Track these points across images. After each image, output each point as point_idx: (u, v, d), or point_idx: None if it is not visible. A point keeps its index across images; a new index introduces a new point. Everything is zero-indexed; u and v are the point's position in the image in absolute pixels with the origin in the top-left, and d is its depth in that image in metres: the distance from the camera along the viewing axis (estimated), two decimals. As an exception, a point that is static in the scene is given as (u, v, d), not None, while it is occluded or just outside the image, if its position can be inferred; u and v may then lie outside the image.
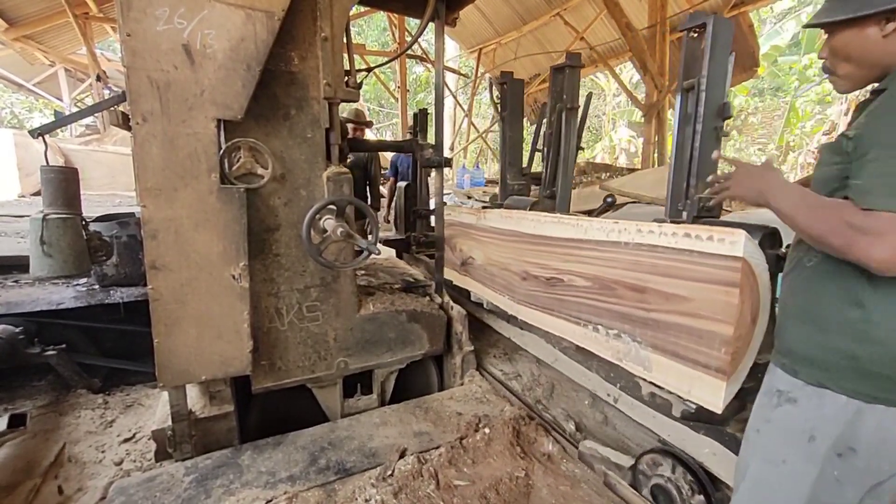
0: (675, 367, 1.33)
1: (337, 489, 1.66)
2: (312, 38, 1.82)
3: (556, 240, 1.76)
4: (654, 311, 1.38)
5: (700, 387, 1.25)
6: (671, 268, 1.31)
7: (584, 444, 1.86)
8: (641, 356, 1.45)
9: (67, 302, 2.47)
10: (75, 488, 1.87)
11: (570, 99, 2.33)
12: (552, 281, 1.80)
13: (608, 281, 1.54)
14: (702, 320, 1.23)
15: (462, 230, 2.45)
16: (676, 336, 1.31)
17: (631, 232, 1.43)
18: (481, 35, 11.50)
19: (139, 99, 1.50)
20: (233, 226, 1.68)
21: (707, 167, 1.67)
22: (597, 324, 1.61)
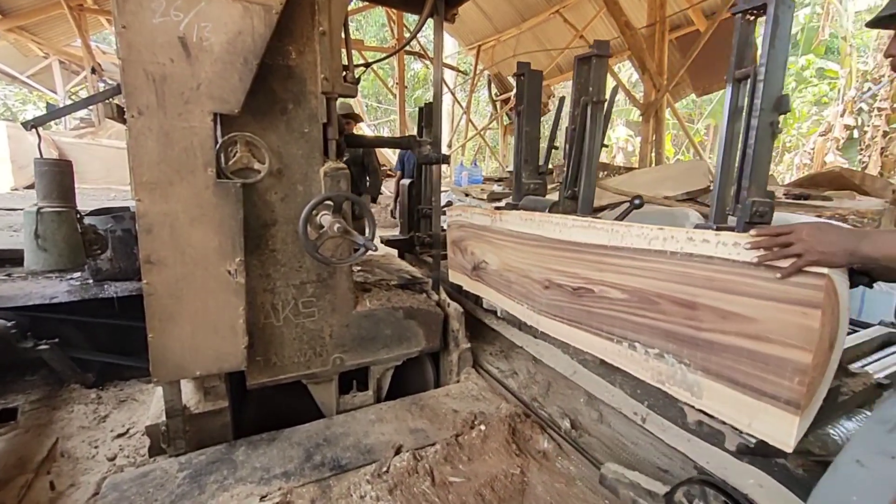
0: (732, 395, 1.18)
1: (332, 485, 1.65)
2: (310, 32, 1.81)
3: (586, 246, 1.60)
4: (706, 331, 1.22)
5: (765, 420, 1.10)
6: (731, 282, 1.15)
7: (608, 466, 1.66)
8: (689, 380, 1.29)
9: (61, 296, 2.45)
10: (68, 484, 1.86)
11: (596, 91, 2.09)
12: (580, 291, 1.65)
13: (650, 294, 1.38)
14: (770, 344, 1.08)
15: (474, 232, 2.30)
16: (735, 360, 1.16)
17: (679, 240, 1.27)
18: (480, 32, 11.47)
19: (135, 92, 1.48)
20: (229, 221, 1.67)
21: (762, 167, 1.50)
22: (633, 341, 1.45)
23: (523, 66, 2.55)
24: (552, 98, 11.50)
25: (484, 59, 12.05)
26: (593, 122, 2.12)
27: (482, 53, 11.89)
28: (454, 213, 2.50)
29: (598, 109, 2.11)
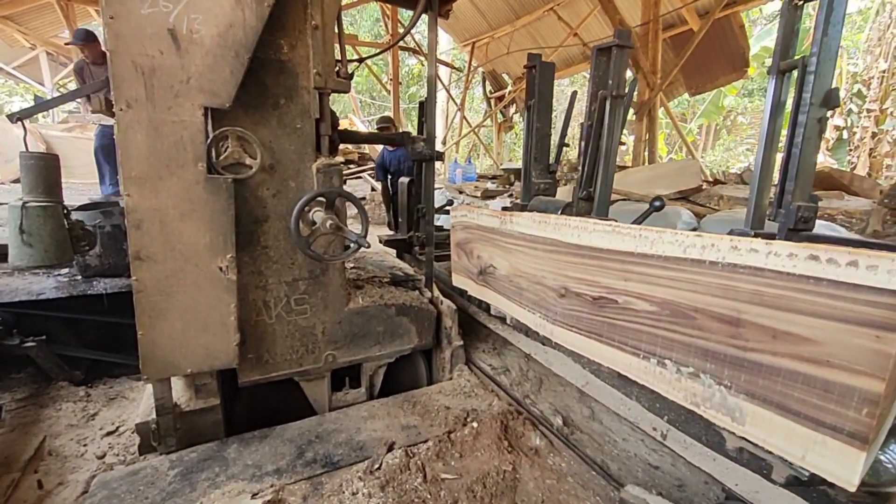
0: (783, 423, 1.06)
1: (324, 482, 1.65)
2: (303, 26, 1.79)
3: (610, 252, 1.46)
4: (753, 351, 1.11)
5: (823, 454, 0.99)
6: (785, 298, 1.02)
7: (628, 490, 1.57)
8: (730, 404, 1.16)
9: (48, 292, 2.42)
10: (56, 482, 1.83)
11: (615, 85, 1.93)
12: (601, 301, 1.53)
13: (685, 308, 1.25)
14: (832, 370, 0.96)
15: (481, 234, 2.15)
16: (787, 385, 1.05)
17: (722, 249, 1.14)
18: (475, 28, 11.44)
19: (123, 84, 1.45)
20: (220, 217, 1.65)
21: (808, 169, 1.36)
22: (664, 357, 1.33)
23: (534, 58, 2.39)
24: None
25: (478, 56, 12.03)
26: (612, 118, 1.97)
27: (476, 50, 11.86)
28: (459, 214, 2.36)
29: (618, 104, 1.96)
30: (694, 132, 15.97)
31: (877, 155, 10.24)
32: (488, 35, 11.22)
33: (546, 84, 2.40)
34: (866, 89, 10.70)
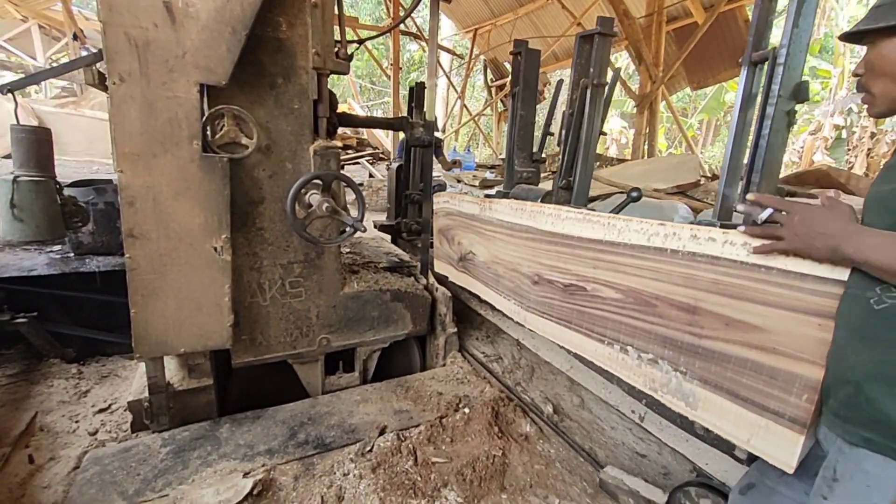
0: (732, 409, 1.10)
1: (315, 463, 1.67)
2: (302, 4, 1.75)
3: (581, 240, 1.48)
4: (707, 339, 1.14)
5: (766, 438, 1.02)
6: (739, 287, 1.05)
7: (607, 471, 1.64)
8: (685, 390, 1.20)
9: (40, 269, 2.39)
10: (47, 457, 1.84)
11: (597, 73, 1.91)
12: (571, 289, 1.55)
13: (647, 295, 1.28)
14: (779, 357, 0.99)
15: (462, 221, 2.16)
16: (738, 372, 1.07)
17: (683, 238, 1.17)
18: (477, 15, 11.28)
19: (116, 57, 1.42)
20: (215, 197, 1.64)
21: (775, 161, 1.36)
22: (626, 344, 1.37)
23: (520, 45, 2.37)
24: (548, 86, 11.40)
25: (480, 44, 11.88)
26: (592, 107, 1.97)
27: (478, 38, 11.71)
28: (442, 200, 2.36)
29: (599, 93, 1.96)
30: (694, 127, 15.92)
31: (874, 155, 10.27)
32: (490, 22, 11.06)
33: (531, 71, 2.37)
34: (867, 89, 10.68)
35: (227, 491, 1.49)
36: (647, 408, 1.48)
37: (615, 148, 15.27)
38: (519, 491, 1.64)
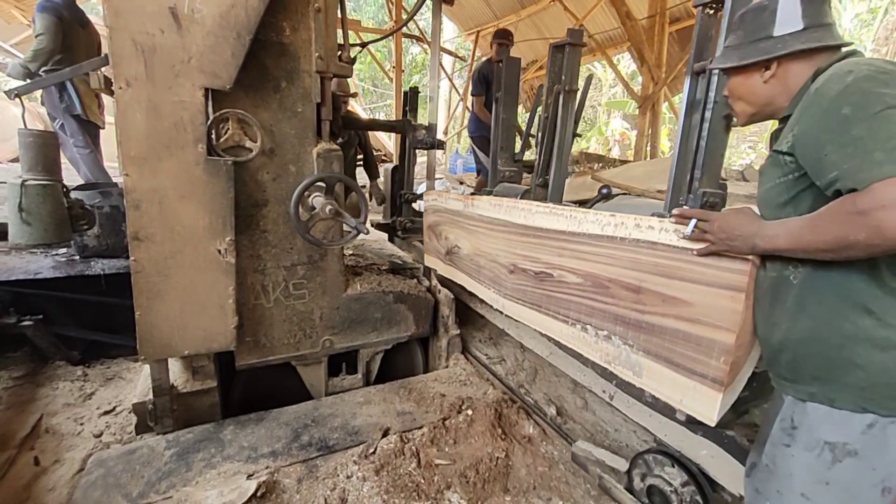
0: (667, 374, 1.25)
1: (319, 465, 1.67)
2: (305, 8, 1.76)
3: (548, 232, 1.64)
4: (649, 314, 1.28)
5: (694, 397, 1.17)
6: (672, 268, 1.19)
7: (578, 445, 1.80)
8: (632, 360, 1.35)
9: (46, 272, 2.41)
10: (52, 460, 1.85)
11: (568, 80, 2.12)
12: (541, 276, 1.69)
13: (602, 279, 1.43)
14: (701, 326, 1.14)
15: (449, 217, 2.31)
16: (672, 342, 1.22)
17: (629, 227, 1.32)
18: (479, 17, 11.30)
19: (122, 62, 1.44)
20: (219, 199, 1.65)
21: (714, 159, 1.55)
22: (586, 324, 1.51)
23: (502, 53, 2.58)
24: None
25: (482, 46, 11.90)
26: (565, 111, 2.14)
27: (480, 40, 11.72)
28: (430, 198, 2.49)
29: (571, 98, 2.14)
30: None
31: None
32: (493, 24, 11.07)
33: (512, 78, 2.54)
34: (871, 89, 10.63)
35: (231, 493, 1.49)
36: (616, 388, 1.61)
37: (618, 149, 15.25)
38: (522, 493, 1.64)
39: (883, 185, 0.72)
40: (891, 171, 0.72)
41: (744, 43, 1.03)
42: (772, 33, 0.98)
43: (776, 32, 0.98)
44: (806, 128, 0.87)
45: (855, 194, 0.77)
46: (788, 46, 0.95)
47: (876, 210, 0.72)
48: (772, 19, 0.98)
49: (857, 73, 0.82)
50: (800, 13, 0.96)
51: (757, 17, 1.01)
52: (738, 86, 1.07)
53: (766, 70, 1.00)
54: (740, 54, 1.03)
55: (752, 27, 1.02)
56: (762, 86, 1.02)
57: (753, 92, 1.04)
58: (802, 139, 0.88)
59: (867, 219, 0.74)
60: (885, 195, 0.72)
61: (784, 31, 0.97)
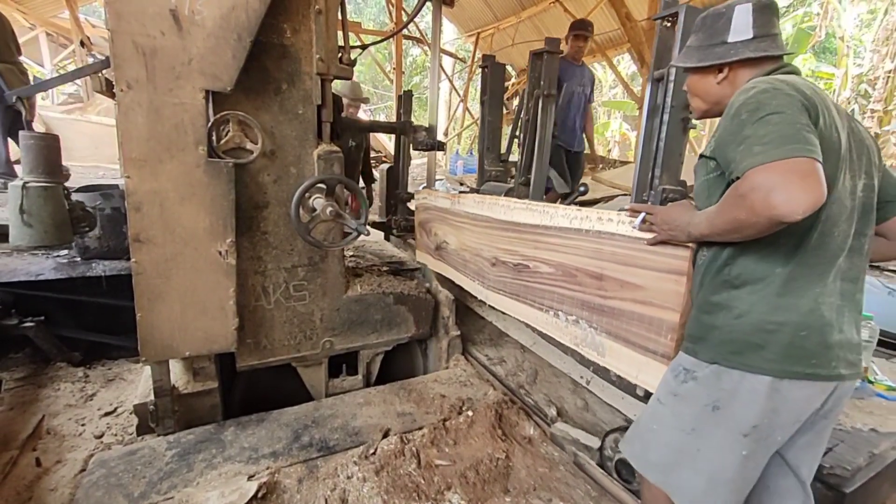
0: (625, 352, 1.37)
1: (319, 466, 1.67)
2: (306, 10, 1.77)
3: (525, 226, 1.75)
4: (610, 299, 1.41)
5: (647, 371, 1.30)
6: (628, 256, 1.32)
7: (557, 426, 1.93)
8: (596, 342, 1.48)
9: (47, 273, 2.42)
10: (54, 460, 1.85)
11: (547, 85, 2.30)
12: (519, 267, 1.80)
13: (570, 268, 1.55)
14: (652, 308, 1.27)
15: (437, 214, 2.43)
16: (628, 323, 1.35)
17: (592, 220, 1.45)
18: (480, 19, 11.32)
19: (124, 65, 1.45)
20: (220, 201, 1.65)
21: (673, 159, 1.70)
22: (558, 310, 1.63)
23: (487, 59, 2.67)
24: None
25: (483, 47, 11.91)
26: (544, 114, 2.30)
27: (481, 41, 11.74)
28: (421, 197, 2.60)
29: (549, 102, 2.30)
30: (698, 128, 15.86)
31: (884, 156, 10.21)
32: (493, 26, 11.09)
33: (497, 83, 2.67)
34: (872, 89, 10.63)
35: (232, 494, 1.50)
36: (593, 374, 1.71)
37: (618, 150, 15.25)
38: (522, 494, 1.64)
39: (754, 171, 0.86)
40: (763, 160, 0.85)
41: (703, 45, 1.15)
42: (726, 39, 1.10)
43: (730, 39, 1.10)
44: (720, 133, 1.01)
45: (738, 181, 0.90)
46: (739, 53, 1.08)
47: (749, 192, 0.86)
48: (727, 26, 1.10)
49: (758, 87, 0.97)
50: (751, 23, 1.07)
51: (715, 22, 1.13)
52: (695, 84, 1.19)
53: (719, 73, 1.12)
54: (699, 56, 1.15)
55: (711, 31, 1.13)
56: (715, 86, 1.14)
57: (707, 91, 1.16)
58: (718, 142, 1.01)
59: (744, 200, 0.87)
60: (755, 179, 0.86)
61: (737, 38, 1.09)
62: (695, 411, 1.06)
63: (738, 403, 1.00)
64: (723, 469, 1.03)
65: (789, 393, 0.97)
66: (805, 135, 0.86)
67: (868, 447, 1.31)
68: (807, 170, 0.83)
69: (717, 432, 1.03)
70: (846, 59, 11.14)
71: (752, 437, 0.99)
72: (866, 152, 1.05)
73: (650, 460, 1.15)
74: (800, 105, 0.91)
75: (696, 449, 1.05)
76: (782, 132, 0.87)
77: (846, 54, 11.16)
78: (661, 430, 1.13)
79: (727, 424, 1.02)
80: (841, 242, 0.99)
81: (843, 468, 1.20)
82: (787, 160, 0.84)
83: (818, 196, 0.82)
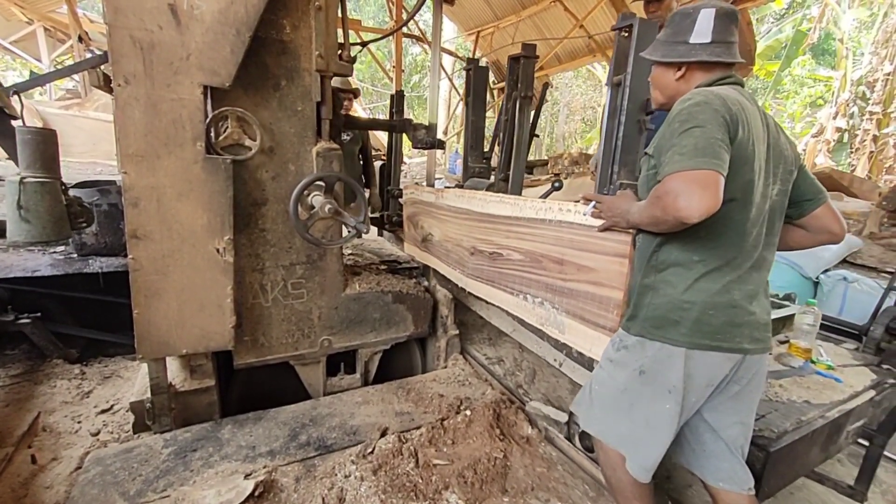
0: (581, 329, 1.52)
1: (317, 464, 1.67)
2: (306, 6, 1.76)
3: (499, 217, 1.88)
4: (569, 281, 1.55)
5: (598, 345, 1.44)
6: (584, 242, 1.47)
7: (530, 404, 2.06)
8: (558, 321, 1.62)
9: (44, 269, 2.41)
10: (50, 458, 1.84)
11: (524, 88, 2.45)
12: (493, 255, 1.94)
13: (537, 254, 1.69)
14: (602, 287, 1.41)
15: (423, 208, 2.56)
16: (584, 302, 1.49)
17: (554, 210, 1.59)
18: (480, 18, 11.30)
19: (121, 59, 1.43)
20: (218, 198, 1.64)
21: (629, 156, 1.85)
22: (526, 293, 1.77)
23: (471, 63, 2.81)
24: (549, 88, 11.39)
25: (483, 46, 11.89)
26: (522, 115, 2.45)
27: (481, 40, 11.72)
28: (409, 192, 2.75)
29: (526, 103, 2.45)
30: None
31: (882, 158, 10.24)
32: (493, 25, 11.07)
33: (480, 85, 2.82)
34: (871, 91, 10.66)
35: (229, 492, 1.49)
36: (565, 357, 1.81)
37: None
38: (520, 493, 1.63)
39: (670, 177, 1.01)
40: (677, 168, 1.00)
41: (668, 41, 1.25)
42: (688, 39, 1.21)
43: (691, 40, 1.20)
44: (659, 136, 1.14)
45: (659, 183, 1.05)
46: (695, 55, 1.20)
47: (663, 195, 1.02)
48: (691, 28, 1.21)
49: (693, 100, 1.09)
50: (711, 28, 1.18)
51: (682, 21, 1.23)
52: (658, 77, 1.30)
53: (678, 70, 1.24)
54: (663, 52, 1.26)
55: (678, 28, 1.23)
56: (673, 82, 1.26)
57: (666, 85, 1.28)
58: (657, 144, 1.15)
59: (659, 200, 1.03)
60: (668, 184, 1.01)
61: (697, 40, 1.20)
62: (626, 374, 1.24)
63: (659, 368, 1.18)
64: (652, 419, 1.21)
65: (699, 361, 1.14)
66: (717, 149, 1.00)
67: (798, 415, 1.47)
68: (708, 181, 0.97)
69: (645, 391, 1.21)
70: (845, 61, 11.15)
71: (673, 396, 1.17)
72: (783, 162, 1.20)
73: (594, 416, 1.34)
74: (721, 121, 1.04)
75: (630, 405, 1.24)
76: (698, 145, 1.00)
77: (845, 56, 11.18)
78: (601, 391, 1.32)
79: (652, 385, 1.19)
80: (755, 239, 1.15)
81: (771, 430, 1.37)
82: (695, 171, 0.98)
83: (713, 204, 0.97)
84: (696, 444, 1.28)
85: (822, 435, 1.48)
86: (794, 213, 1.28)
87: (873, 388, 1.68)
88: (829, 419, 1.48)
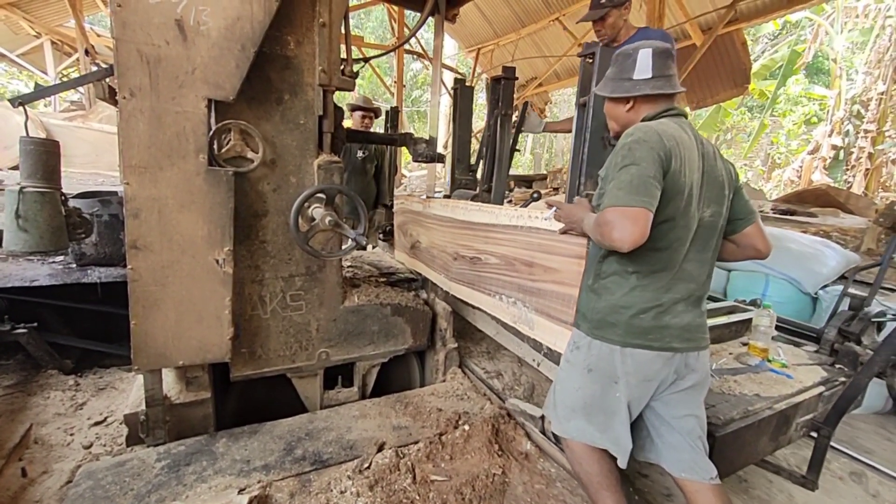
0: (548, 325, 1.64)
1: (312, 479, 1.64)
2: (310, 22, 1.79)
3: (479, 225, 2.03)
4: (537, 281, 1.68)
5: (562, 338, 1.55)
6: (550, 246, 1.60)
7: (510, 401, 2.16)
8: (528, 318, 1.74)
9: (41, 279, 2.40)
10: (40, 471, 1.81)
11: (505, 106, 2.66)
12: (474, 260, 2.08)
13: (511, 258, 1.82)
14: (565, 286, 1.54)
15: (412, 217, 2.74)
16: (550, 300, 1.62)
17: (524, 217, 1.73)
18: (480, 35, 11.51)
19: (127, 73, 1.45)
20: (219, 209, 1.65)
21: (594, 169, 2.01)
22: (502, 294, 1.91)
23: (458, 82, 3.03)
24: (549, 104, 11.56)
25: (483, 63, 12.09)
26: (503, 131, 2.67)
27: (481, 57, 11.92)
28: (399, 202, 2.93)
29: (507, 121, 2.68)
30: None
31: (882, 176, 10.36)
32: (493, 42, 11.28)
33: (465, 103, 3.06)
34: (865, 110, 10.82)
35: (222, 507, 1.46)
36: (543, 357, 1.88)
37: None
38: (519, 511, 1.61)
39: (608, 210, 1.18)
40: (615, 203, 1.17)
41: (616, 78, 1.40)
42: (632, 76, 1.36)
43: (634, 76, 1.35)
44: (607, 164, 1.31)
45: (601, 212, 1.22)
46: (639, 90, 1.35)
47: (602, 224, 1.19)
48: (633, 66, 1.36)
49: (634, 135, 1.24)
50: (651, 65, 1.33)
51: (625, 60, 1.38)
52: (610, 110, 1.46)
53: (626, 103, 1.39)
54: (611, 87, 1.41)
55: (622, 67, 1.39)
56: (624, 114, 1.41)
57: (618, 116, 1.44)
58: (605, 172, 1.31)
59: (599, 227, 1.21)
60: (606, 216, 1.18)
61: (639, 76, 1.35)
62: (578, 372, 1.39)
63: (602, 364, 1.33)
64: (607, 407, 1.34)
65: (633, 358, 1.30)
66: (648, 187, 1.16)
67: (746, 405, 1.59)
68: (638, 217, 1.14)
69: (595, 387, 1.35)
70: (839, 80, 11.35)
71: (619, 386, 1.32)
72: (718, 186, 1.33)
73: (558, 416, 1.46)
74: (656, 157, 1.19)
75: (584, 402, 1.38)
76: (633, 182, 1.17)
77: (839, 76, 11.38)
78: (561, 390, 1.46)
79: (600, 381, 1.34)
80: (684, 254, 1.30)
81: (718, 418, 1.50)
82: (627, 208, 1.15)
83: (640, 236, 1.14)
84: (656, 438, 1.39)
85: (770, 425, 1.61)
86: (728, 230, 1.42)
87: (823, 384, 1.84)
88: (776, 410, 1.61)
